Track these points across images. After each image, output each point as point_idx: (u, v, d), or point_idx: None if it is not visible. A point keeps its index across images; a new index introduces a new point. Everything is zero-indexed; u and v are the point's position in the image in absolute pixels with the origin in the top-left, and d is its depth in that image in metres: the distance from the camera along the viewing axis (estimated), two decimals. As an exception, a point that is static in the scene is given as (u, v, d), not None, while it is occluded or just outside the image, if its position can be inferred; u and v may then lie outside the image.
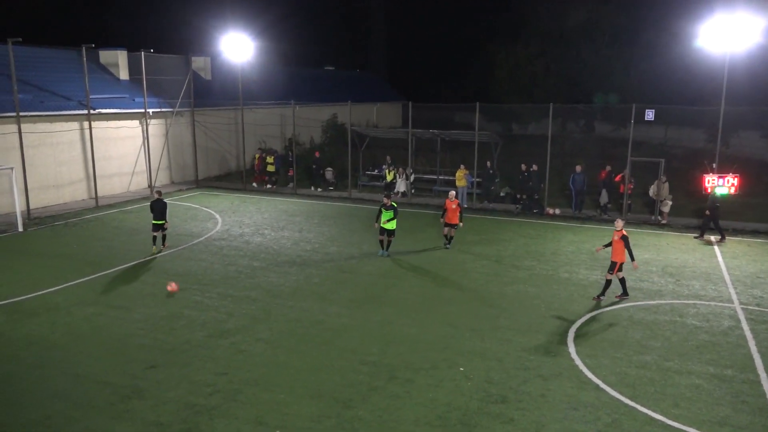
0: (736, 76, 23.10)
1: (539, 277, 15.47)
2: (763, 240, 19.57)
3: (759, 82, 31.35)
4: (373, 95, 50.72)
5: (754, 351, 11.00)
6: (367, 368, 10.24)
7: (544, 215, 23.35)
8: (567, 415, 8.77)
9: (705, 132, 33.35)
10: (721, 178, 20.77)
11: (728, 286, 14.75)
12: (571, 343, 11.32)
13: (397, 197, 26.62)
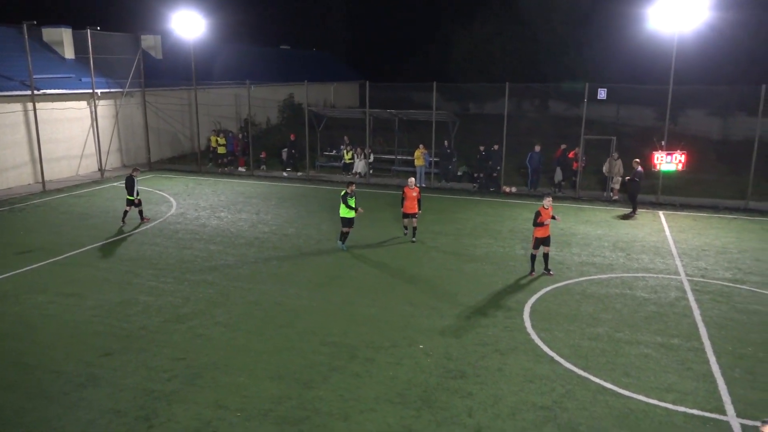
0: (684, 56, 23.75)
1: (496, 254, 15.74)
2: (707, 214, 20.36)
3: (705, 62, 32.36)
4: (331, 75, 50.19)
5: (699, 320, 11.49)
6: (327, 349, 10.27)
7: (501, 193, 23.70)
8: (523, 388, 9.01)
9: (654, 110, 34.26)
10: (669, 155, 21.45)
11: (675, 259, 15.33)
12: (527, 318, 11.59)
13: (356, 178, 26.57)
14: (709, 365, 9.74)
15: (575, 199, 22.71)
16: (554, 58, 44.03)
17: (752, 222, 19.39)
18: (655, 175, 22.29)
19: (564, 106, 41.90)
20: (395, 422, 8.13)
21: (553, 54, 44.37)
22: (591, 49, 43.26)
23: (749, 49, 34.53)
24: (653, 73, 31.81)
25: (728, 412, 8.36)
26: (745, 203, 21.38)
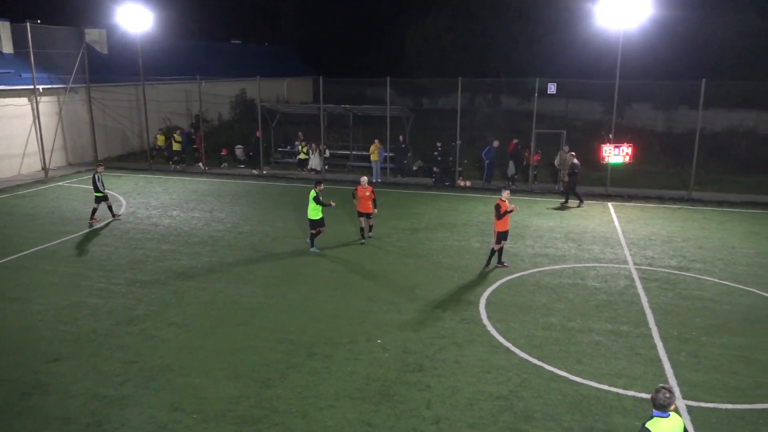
0: (629, 51, 24.49)
1: (452, 248, 15.91)
2: (654, 205, 21.08)
3: (650, 58, 33.43)
4: (283, 70, 49.61)
5: (646, 307, 11.90)
6: (285, 346, 10.19)
7: (456, 187, 23.96)
8: (480, 379, 9.15)
9: (602, 104, 35.22)
10: (617, 147, 22.10)
11: (624, 249, 15.82)
12: (483, 310, 11.77)
13: (311, 174, 26.40)
14: (657, 350, 10.10)
15: (528, 192, 23.15)
16: (505, 54, 44.68)
17: (695, 211, 20.18)
18: (604, 167, 22.94)
19: (516, 100, 42.59)
20: (354, 417, 8.14)
21: (504, 49, 45.02)
22: (541, 45, 44.08)
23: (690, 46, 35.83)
24: (601, 68, 32.65)
25: (675, 394, 8.69)
26: (688, 193, 22.23)
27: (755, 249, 15.88)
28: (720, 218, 19.19)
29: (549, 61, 40.75)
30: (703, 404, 8.45)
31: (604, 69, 31.27)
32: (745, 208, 20.78)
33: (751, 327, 11.00)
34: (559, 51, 40.75)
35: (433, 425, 7.96)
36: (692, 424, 7.97)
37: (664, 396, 5.44)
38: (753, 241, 16.59)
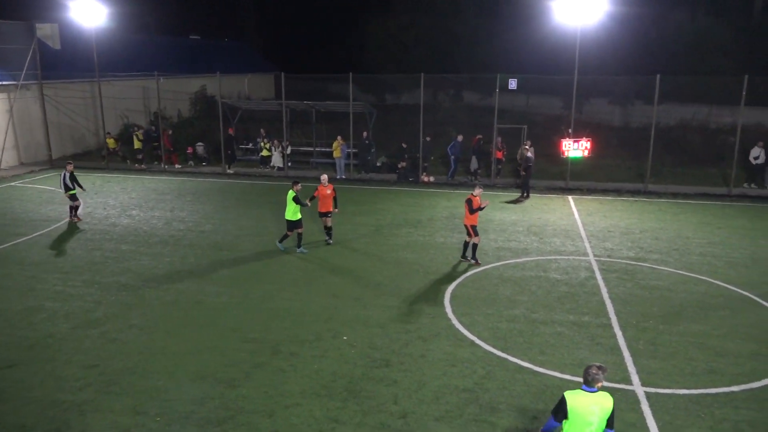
0: (587, 47, 24.97)
1: (417, 243, 16.00)
2: (612, 197, 21.59)
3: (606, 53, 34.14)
4: (244, 66, 48.93)
5: (606, 297, 12.19)
6: (250, 345, 10.09)
7: (420, 183, 24.08)
8: (446, 372, 9.24)
9: (562, 99, 35.83)
10: (576, 142, 22.54)
11: (584, 241, 16.16)
12: (448, 304, 11.87)
13: (274, 171, 26.16)
14: (616, 339, 10.37)
15: (491, 186, 23.41)
16: (467, 50, 45.02)
17: (651, 203, 20.75)
18: (564, 161, 23.37)
19: (478, 96, 42.95)
20: (321, 414, 8.12)
21: (466, 45, 45.35)
22: (502, 41, 44.55)
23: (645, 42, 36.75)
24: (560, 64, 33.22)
25: (634, 382, 8.94)
26: (644, 186, 22.84)
27: (708, 239, 16.42)
28: (675, 210, 19.77)
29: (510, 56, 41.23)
30: (660, 390, 8.71)
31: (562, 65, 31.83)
32: (698, 199, 21.48)
33: (705, 314, 11.38)
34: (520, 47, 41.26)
35: (400, 420, 8.00)
36: (651, 410, 8.21)
37: (591, 372, 5.66)
38: (706, 232, 17.15)
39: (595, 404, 5.63)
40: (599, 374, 5.65)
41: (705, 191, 22.50)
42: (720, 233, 17.01)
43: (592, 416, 5.60)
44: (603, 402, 5.65)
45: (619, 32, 33.94)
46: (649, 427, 7.82)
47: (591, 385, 5.69)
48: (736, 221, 18.36)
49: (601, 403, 5.64)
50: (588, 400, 5.66)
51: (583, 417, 5.63)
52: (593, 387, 5.68)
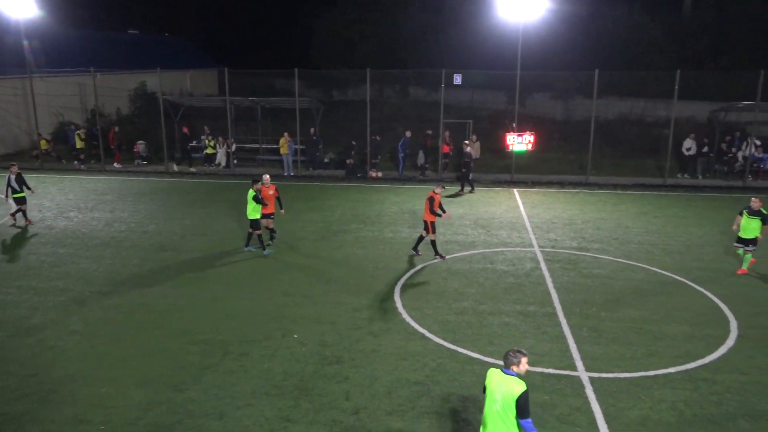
0: (529, 43, 25.51)
1: (366, 239, 16.02)
2: (555, 189, 22.18)
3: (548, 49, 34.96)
4: (186, 61, 47.72)
5: (551, 287, 12.53)
6: (198, 347, 9.88)
7: (368, 179, 24.11)
8: (397, 366, 9.30)
9: (505, 94, 36.51)
10: (520, 136, 23.03)
11: (529, 233, 16.55)
12: (398, 298, 11.95)
13: (219, 168, 25.67)
14: (561, 327, 10.67)
15: (438, 181, 23.65)
16: (413, 45, 45.25)
17: (592, 195, 21.43)
18: (509, 155, 23.85)
19: (424, 91, 43.26)
20: (273, 414, 8.04)
21: (411, 41, 45.57)
22: (447, 37, 44.99)
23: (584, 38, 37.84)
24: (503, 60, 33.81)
25: (578, 368, 9.23)
26: (585, 178, 23.57)
27: (645, 228, 17.10)
28: (614, 200, 20.49)
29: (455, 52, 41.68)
30: (603, 375, 9.02)
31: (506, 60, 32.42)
32: (636, 190, 22.33)
33: (643, 300, 11.86)
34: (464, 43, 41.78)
35: (353, 416, 8.01)
36: (595, 394, 8.50)
37: (509, 355, 5.93)
38: (643, 221, 17.86)
39: (503, 385, 5.86)
40: (514, 359, 5.88)
41: (642, 182, 23.42)
42: (656, 222, 17.75)
43: (497, 395, 5.85)
44: (510, 386, 5.81)
45: (559, 29, 34.82)
46: (593, 411, 8.09)
47: (507, 367, 5.93)
48: (671, 210, 19.19)
49: (509, 386, 5.81)
50: (499, 379, 5.92)
51: (491, 393, 5.94)
52: (509, 369, 5.91)
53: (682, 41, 37.33)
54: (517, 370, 5.88)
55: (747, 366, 9.27)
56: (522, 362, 5.88)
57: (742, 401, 8.31)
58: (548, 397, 8.43)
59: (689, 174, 24.49)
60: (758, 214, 12.99)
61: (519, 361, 5.87)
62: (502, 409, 5.81)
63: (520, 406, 5.71)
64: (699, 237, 16.18)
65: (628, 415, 8.00)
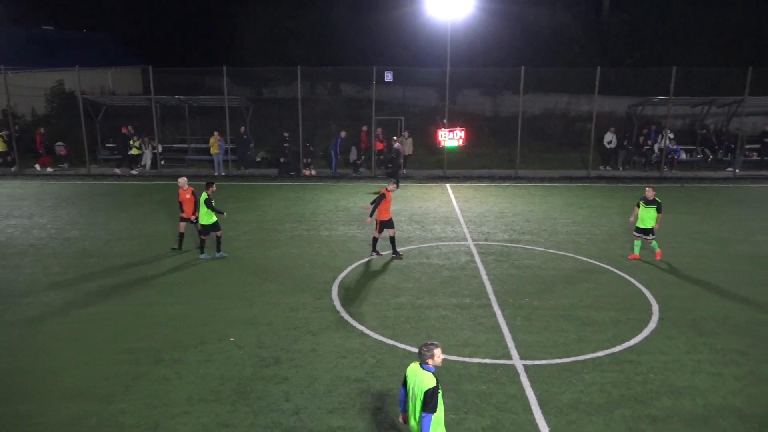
0: (457, 40, 25.97)
1: (301, 237, 15.87)
2: (486, 184, 22.71)
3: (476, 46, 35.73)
4: (107, 59, 45.68)
5: (485, 279, 12.83)
6: (128, 356, 9.49)
7: (301, 177, 23.89)
8: (337, 364, 9.26)
9: (436, 91, 37.03)
10: (451, 132, 23.42)
11: (462, 226, 16.87)
12: (336, 296, 11.90)
13: (145, 170, 24.78)
14: (496, 318, 10.94)
15: (372, 177, 23.74)
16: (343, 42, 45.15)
17: (521, 188, 22.08)
18: (441, 151, 24.22)
19: (355, 88, 43.25)
20: (210, 420, 7.83)
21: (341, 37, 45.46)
22: (377, 33, 45.14)
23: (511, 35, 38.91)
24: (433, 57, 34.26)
25: (513, 357, 9.50)
26: (515, 172, 24.26)
27: (572, 218, 17.79)
28: (542, 193, 21.20)
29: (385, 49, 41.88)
30: (537, 362, 9.32)
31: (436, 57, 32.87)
32: (562, 182, 23.18)
33: (572, 288, 12.33)
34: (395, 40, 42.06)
35: (293, 416, 7.92)
36: (529, 381, 8.76)
37: (421, 350, 6.06)
38: (570, 212, 18.57)
39: (416, 378, 6.01)
40: (428, 353, 6.00)
41: (568, 174, 24.34)
42: (582, 212, 18.49)
43: (415, 388, 6.01)
44: (423, 380, 5.96)
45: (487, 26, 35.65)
46: (528, 397, 8.34)
47: (423, 362, 6.07)
48: (595, 201, 20.05)
49: (422, 380, 5.97)
50: (416, 373, 6.06)
51: (410, 387, 6.10)
52: (426, 364, 6.05)
53: (602, 39, 39.05)
54: (432, 363, 6.02)
55: (667, 346, 9.82)
56: (436, 354, 6.01)
57: (664, 379, 8.79)
58: (485, 386, 8.63)
59: (611, 166, 25.66)
60: (653, 203, 13.61)
61: (433, 354, 6.00)
62: (416, 402, 5.99)
63: (425, 400, 5.88)
64: (621, 226, 16.98)
65: (561, 399, 8.30)
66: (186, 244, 14.88)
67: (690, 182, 23.41)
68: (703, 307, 11.38)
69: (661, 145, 25.10)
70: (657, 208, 13.55)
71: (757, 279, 12.87)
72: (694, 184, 23.18)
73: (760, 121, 29.54)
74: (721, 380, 8.78)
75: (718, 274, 13.12)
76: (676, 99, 24.14)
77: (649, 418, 7.84)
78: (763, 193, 21.61)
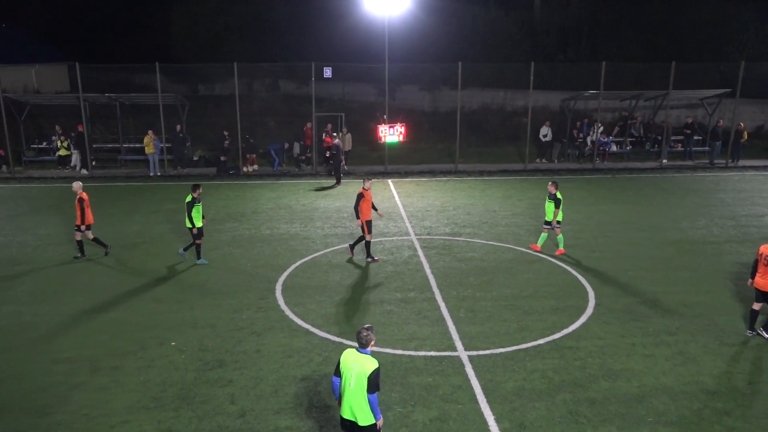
0: (395, 36, 26.11)
1: (242, 237, 15.60)
2: (427, 178, 22.97)
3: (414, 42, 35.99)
4: (30, 55, 43.42)
5: (429, 273, 12.98)
6: (63, 366, 9.09)
7: (241, 175, 23.46)
8: (283, 364, 9.17)
9: (375, 87, 37.11)
10: (391, 127, 23.54)
11: (405, 221, 17.01)
12: (280, 295, 11.77)
13: (75, 171, 23.74)
14: (440, 311, 11.10)
15: (314, 174, 23.59)
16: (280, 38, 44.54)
17: (461, 182, 22.45)
18: (382, 147, 24.31)
19: (294, 84, 42.79)
20: (152, 428, 7.60)
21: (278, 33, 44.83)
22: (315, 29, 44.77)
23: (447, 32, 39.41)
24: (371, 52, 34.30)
25: (458, 348, 9.66)
26: (455, 166, 24.64)
27: (511, 210, 18.24)
28: (482, 186, 21.62)
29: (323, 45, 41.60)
30: (481, 352, 9.52)
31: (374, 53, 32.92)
32: (500, 176, 23.71)
33: (513, 278, 12.65)
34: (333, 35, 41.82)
35: (239, 419, 7.79)
36: (474, 371, 8.94)
37: (362, 334, 6.23)
38: (509, 204, 19.03)
39: (356, 363, 6.13)
40: (368, 336, 6.20)
41: (505, 168, 24.92)
42: (520, 204, 18.98)
43: (351, 372, 6.12)
44: (364, 364, 6.10)
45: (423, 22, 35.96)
46: (473, 387, 8.51)
47: (364, 347, 6.22)
48: (532, 192, 20.62)
49: (363, 364, 6.10)
50: (353, 357, 6.20)
51: (346, 372, 6.19)
52: (365, 348, 6.22)
53: (534, 35, 40.12)
54: (370, 348, 6.20)
55: (603, 331, 10.22)
56: (372, 338, 6.21)
57: (601, 363, 9.15)
58: (431, 378, 8.74)
59: (546, 159, 26.44)
60: (553, 198, 14.00)
61: (374, 338, 6.22)
62: (356, 387, 6.08)
63: (370, 382, 6.02)
64: (558, 216, 17.53)
65: (505, 387, 8.51)
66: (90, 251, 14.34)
67: (621, 173, 24.42)
68: (636, 292, 11.91)
69: (593, 138, 26.06)
70: (555, 203, 13.88)
71: (683, 263, 13.58)
72: (625, 174, 24.19)
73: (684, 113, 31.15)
74: (654, 361, 9.22)
75: (648, 260, 13.76)
76: (606, 93, 25.10)
77: (588, 401, 8.15)
78: (686, 182, 22.80)
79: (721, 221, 17.06)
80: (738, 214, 17.85)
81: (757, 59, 31.38)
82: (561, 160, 26.55)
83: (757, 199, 19.79)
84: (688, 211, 18.25)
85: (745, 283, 12.35)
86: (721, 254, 14.24)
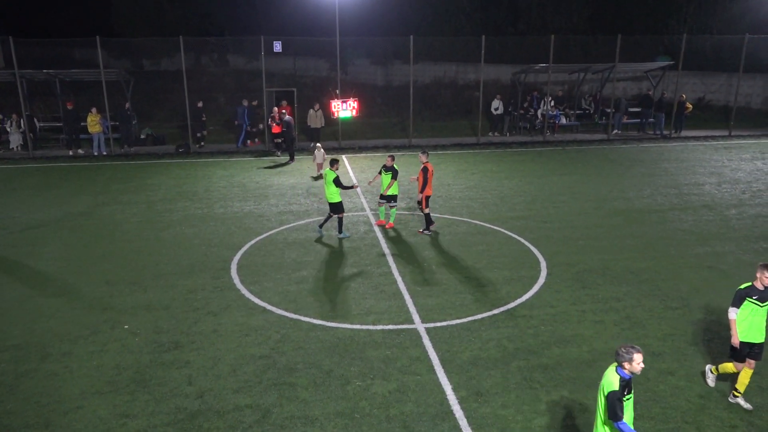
0: (346, 9, 25.70)
1: (195, 216, 15.29)
2: (381, 153, 22.93)
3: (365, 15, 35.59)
4: (-42, 29, 40.90)
5: (385, 247, 13.05)
6: (9, 354, 8.79)
7: (191, 153, 22.91)
8: (240, 343, 9.11)
9: (327, 61, 36.64)
10: (344, 102, 23.33)
11: (360, 197, 16.99)
12: (235, 274, 11.64)
13: (13, 152, 22.70)
14: (397, 285, 11.20)
15: (265, 152, 23.23)
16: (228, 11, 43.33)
17: (415, 157, 22.47)
18: (335, 122, 24.09)
19: (243, 59, 41.83)
20: (108, 413, 7.46)
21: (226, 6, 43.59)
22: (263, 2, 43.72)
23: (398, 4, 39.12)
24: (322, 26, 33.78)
25: (415, 321, 9.79)
26: (408, 141, 24.67)
27: (465, 184, 18.44)
28: (436, 160, 21.71)
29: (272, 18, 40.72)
30: (437, 324, 9.68)
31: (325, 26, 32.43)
32: (454, 149, 23.88)
33: (467, 250, 12.85)
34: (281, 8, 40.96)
35: (197, 400, 7.73)
36: (431, 342, 9.09)
37: (620, 352, 5.47)
38: (463, 178, 19.22)
39: (605, 377, 5.56)
40: (625, 354, 5.44)
41: (459, 141, 25.10)
42: (473, 178, 19.21)
43: (602, 387, 5.59)
44: (610, 383, 5.46)
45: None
46: (431, 358, 8.66)
47: (618, 364, 5.53)
48: (485, 166, 20.87)
49: (609, 382, 5.48)
50: (607, 373, 5.58)
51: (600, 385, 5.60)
52: (620, 367, 5.51)
53: (485, 8, 40.22)
54: (628, 369, 5.46)
55: (555, 299, 10.54)
56: (635, 360, 5.41)
57: (553, 330, 9.45)
58: (390, 351, 8.85)
59: (498, 132, 26.75)
60: (391, 170, 14.00)
61: (631, 359, 5.40)
62: (602, 403, 5.56)
63: (606, 404, 5.45)
64: (510, 189, 17.83)
65: (461, 357, 8.70)
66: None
67: (570, 145, 24.96)
68: (585, 260, 12.29)
69: (544, 111, 26.48)
70: (393, 174, 13.93)
71: (629, 232, 14.07)
72: (574, 146, 24.74)
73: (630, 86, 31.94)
74: (603, 327, 9.58)
75: (597, 230, 14.19)
76: (555, 66, 25.46)
77: (541, 367, 8.41)
78: (632, 153, 23.50)
79: (665, 190, 17.70)
80: (680, 183, 18.56)
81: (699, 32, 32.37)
82: (513, 133, 26.91)
83: (698, 168, 20.59)
84: (634, 181, 18.84)
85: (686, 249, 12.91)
86: (665, 222, 14.80)
